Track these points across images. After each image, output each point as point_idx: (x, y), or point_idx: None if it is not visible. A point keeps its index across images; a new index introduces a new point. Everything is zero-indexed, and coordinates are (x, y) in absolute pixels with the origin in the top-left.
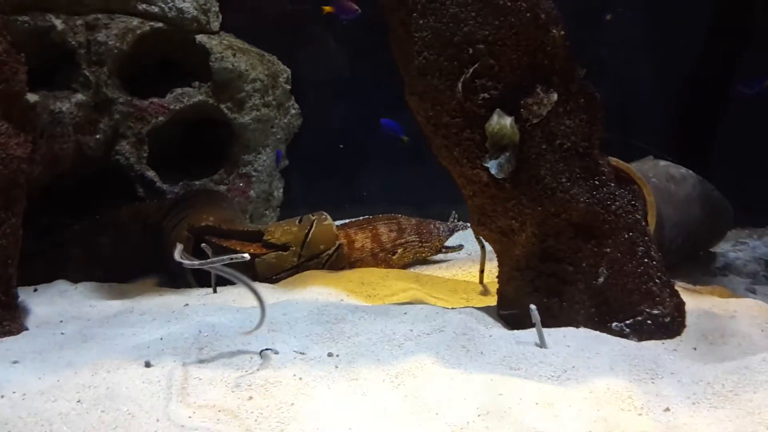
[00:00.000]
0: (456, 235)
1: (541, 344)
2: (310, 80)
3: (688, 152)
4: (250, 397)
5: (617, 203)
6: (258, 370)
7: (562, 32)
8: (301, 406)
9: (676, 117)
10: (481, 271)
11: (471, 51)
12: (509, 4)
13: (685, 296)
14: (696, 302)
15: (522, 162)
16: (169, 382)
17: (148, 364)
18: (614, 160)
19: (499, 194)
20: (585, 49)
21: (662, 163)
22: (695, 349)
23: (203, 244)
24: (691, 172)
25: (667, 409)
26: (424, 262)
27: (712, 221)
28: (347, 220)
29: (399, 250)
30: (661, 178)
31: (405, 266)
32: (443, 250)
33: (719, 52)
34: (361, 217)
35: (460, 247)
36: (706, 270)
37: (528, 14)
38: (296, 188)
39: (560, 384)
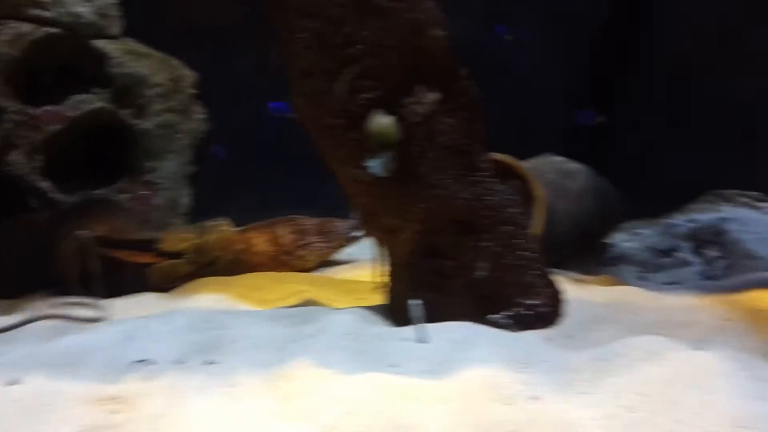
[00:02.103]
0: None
1: (422, 340)
2: (218, 84)
3: (585, 149)
4: (118, 411)
5: (496, 198)
6: (129, 382)
7: (443, 33)
8: (172, 418)
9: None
10: (378, 270)
11: (352, 51)
12: (389, 4)
13: (568, 286)
14: (578, 292)
15: (404, 161)
16: (34, 399)
17: (13, 382)
18: (504, 157)
19: (382, 193)
20: (488, 51)
21: (557, 159)
22: (570, 337)
23: (81, 231)
24: (583, 166)
25: (536, 397)
26: (329, 263)
27: (604, 213)
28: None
29: (302, 252)
30: (555, 174)
31: (309, 269)
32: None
33: (612, 54)
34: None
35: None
36: (600, 260)
37: (408, 15)
38: (205, 195)
39: (435, 378)
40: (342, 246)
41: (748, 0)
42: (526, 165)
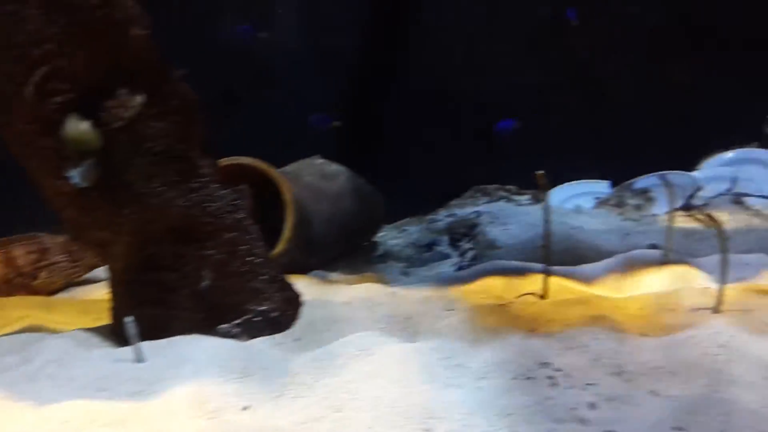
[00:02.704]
0: None
1: (138, 359)
2: None
3: (356, 152)
4: None
5: (217, 204)
6: None
7: (146, 32)
8: None
9: (345, 119)
10: None
11: (39, 51)
12: (79, 1)
13: (313, 287)
14: (321, 292)
15: (109, 168)
16: None
17: None
18: (253, 161)
19: (87, 204)
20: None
21: (317, 161)
22: (300, 340)
23: None
24: (343, 168)
25: (246, 407)
26: (82, 282)
27: (365, 213)
28: None
29: (44, 273)
30: (315, 176)
31: (55, 291)
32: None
33: (380, 57)
34: None
35: None
36: (367, 258)
37: (102, 12)
38: None
39: (141, 399)
40: (95, 265)
41: (495, 9)
42: (287, 168)
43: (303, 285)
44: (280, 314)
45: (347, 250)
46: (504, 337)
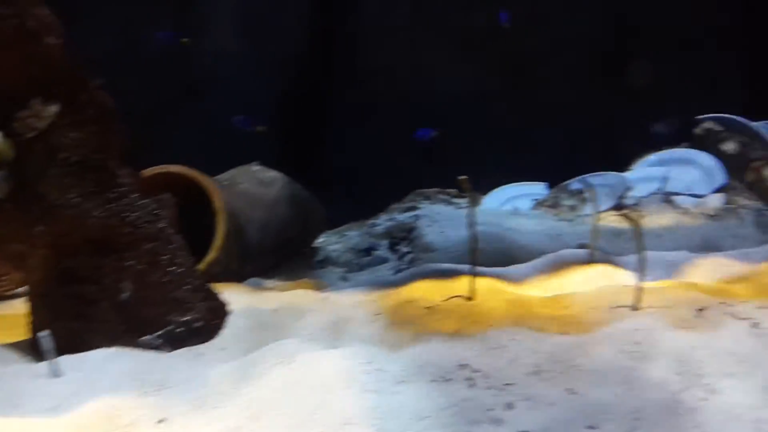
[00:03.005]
0: None
1: (54, 374)
2: None
3: (298, 159)
4: None
5: (137, 214)
6: None
7: (60, 41)
8: None
9: (287, 128)
10: None
11: None
12: None
13: (242, 295)
14: (251, 300)
15: (22, 180)
16: None
17: None
18: (182, 169)
19: (1, 217)
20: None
21: (254, 168)
22: (224, 349)
23: None
24: (280, 174)
25: (162, 420)
26: (14, 296)
27: (302, 219)
28: None
29: None
30: (251, 183)
31: None
32: None
33: (318, 63)
34: None
35: None
36: (306, 264)
37: (13, 21)
38: None
39: (53, 415)
40: (23, 281)
41: (431, 14)
42: (223, 176)
43: (235, 293)
44: (205, 324)
45: (286, 257)
46: (426, 340)
